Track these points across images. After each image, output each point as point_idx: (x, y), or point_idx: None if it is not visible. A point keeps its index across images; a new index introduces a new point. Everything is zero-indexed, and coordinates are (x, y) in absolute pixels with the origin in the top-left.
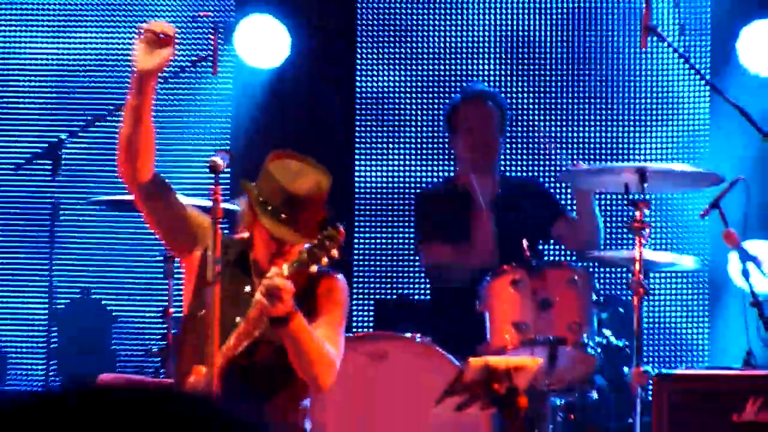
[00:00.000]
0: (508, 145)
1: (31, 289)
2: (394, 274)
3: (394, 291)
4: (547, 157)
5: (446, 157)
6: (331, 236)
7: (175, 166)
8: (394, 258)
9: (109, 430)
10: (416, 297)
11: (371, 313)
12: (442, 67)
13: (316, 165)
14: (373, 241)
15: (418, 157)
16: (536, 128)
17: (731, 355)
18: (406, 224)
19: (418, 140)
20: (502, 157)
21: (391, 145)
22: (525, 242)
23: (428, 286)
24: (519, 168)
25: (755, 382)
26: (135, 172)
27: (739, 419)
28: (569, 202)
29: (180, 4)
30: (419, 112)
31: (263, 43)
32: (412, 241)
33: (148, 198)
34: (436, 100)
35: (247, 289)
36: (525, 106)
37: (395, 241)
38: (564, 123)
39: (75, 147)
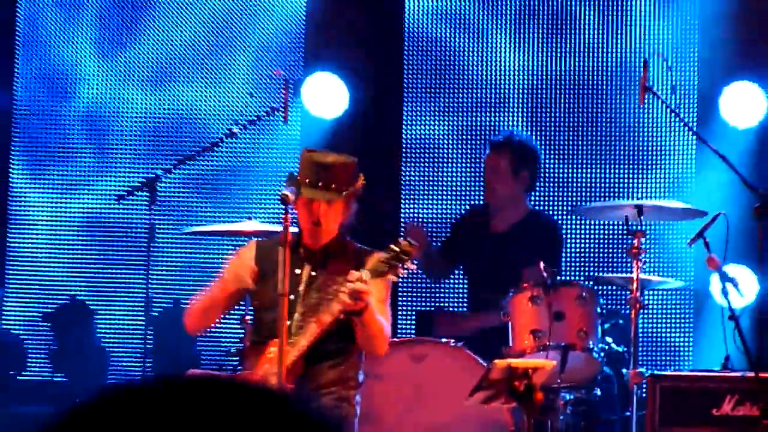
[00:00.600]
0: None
1: (131, 299)
2: (433, 289)
3: (433, 303)
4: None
5: (479, 194)
6: (406, 251)
7: (252, 197)
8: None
9: (196, 411)
10: (451, 308)
11: (413, 322)
12: (475, 118)
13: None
14: (415, 264)
15: (456, 194)
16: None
17: (712, 360)
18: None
19: (456, 180)
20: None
21: (432, 184)
22: (542, 265)
23: (461, 299)
24: (539, 202)
25: (731, 382)
26: (204, 329)
27: (717, 413)
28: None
29: (256, 62)
30: (456, 157)
31: (326, 97)
32: None
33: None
34: (468, 146)
35: (297, 271)
36: (544, 151)
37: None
38: (576, 165)
39: (168, 182)
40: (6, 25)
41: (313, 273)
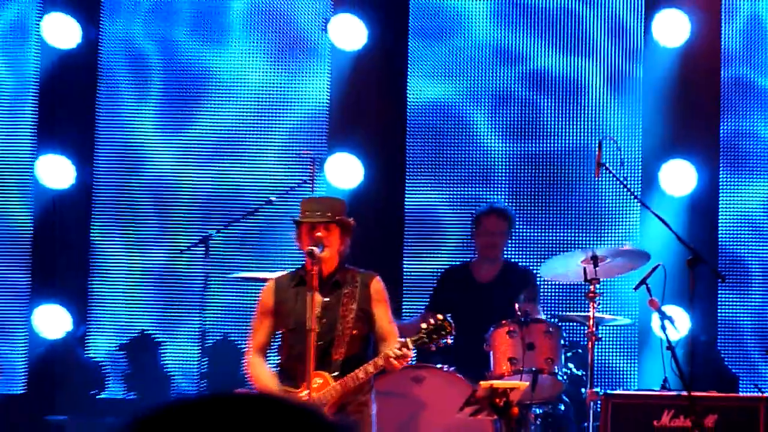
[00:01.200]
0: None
1: (189, 333)
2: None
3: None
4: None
5: (469, 249)
6: (445, 327)
7: (285, 250)
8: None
9: (243, 421)
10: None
11: (415, 351)
12: (465, 189)
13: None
14: (416, 310)
15: (450, 252)
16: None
17: (653, 382)
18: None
19: (450, 240)
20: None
21: (430, 243)
22: (517, 306)
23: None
24: (514, 256)
25: (669, 399)
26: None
27: (658, 424)
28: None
29: (289, 143)
30: (450, 220)
31: (344, 172)
32: None
33: None
34: (462, 212)
35: (306, 298)
36: (520, 215)
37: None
38: (541, 226)
39: (219, 239)
40: (88, 111)
41: (326, 299)
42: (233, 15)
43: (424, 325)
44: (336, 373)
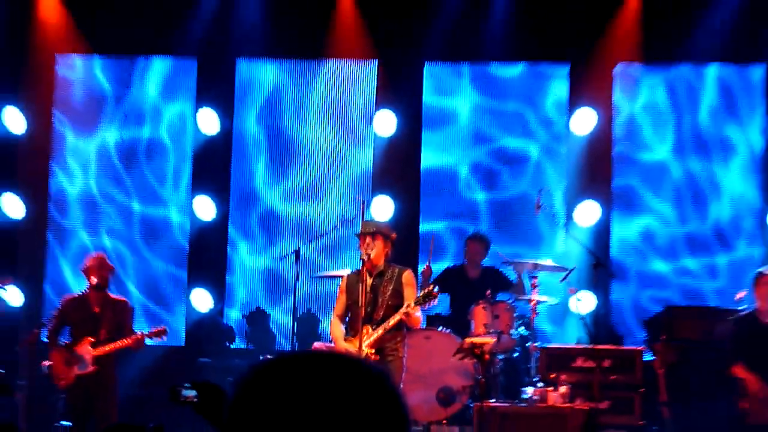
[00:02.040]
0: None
1: (286, 308)
2: (433, 308)
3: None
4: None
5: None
6: (431, 295)
7: (347, 256)
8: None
9: (319, 368)
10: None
11: (425, 322)
12: (459, 221)
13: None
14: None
15: (448, 256)
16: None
17: (571, 339)
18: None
19: (449, 251)
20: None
21: (436, 252)
22: (488, 292)
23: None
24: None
25: (581, 350)
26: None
27: (574, 365)
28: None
29: (348, 190)
30: (449, 239)
31: (383, 209)
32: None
33: None
34: (457, 234)
35: (360, 285)
36: (493, 238)
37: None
38: (506, 245)
39: (305, 250)
40: (225, 169)
41: (373, 283)
42: (312, 106)
43: (419, 294)
44: (375, 335)
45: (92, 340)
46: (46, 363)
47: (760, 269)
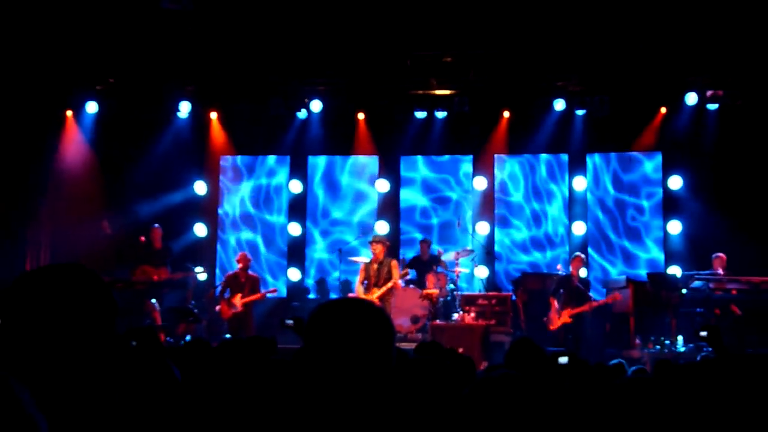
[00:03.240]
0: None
1: (334, 280)
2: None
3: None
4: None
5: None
6: (406, 274)
7: (364, 246)
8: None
9: (348, 309)
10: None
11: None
12: (422, 233)
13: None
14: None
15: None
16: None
17: (476, 289)
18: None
19: (414, 248)
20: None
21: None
22: (434, 267)
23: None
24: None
25: (481, 297)
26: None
27: (478, 302)
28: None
29: (364, 221)
30: (415, 243)
31: (382, 230)
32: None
33: None
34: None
35: (374, 267)
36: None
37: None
38: (437, 242)
39: (344, 250)
40: (302, 216)
41: (376, 267)
42: (345, 177)
43: (402, 272)
44: (378, 292)
45: (240, 295)
46: (217, 307)
47: (576, 253)
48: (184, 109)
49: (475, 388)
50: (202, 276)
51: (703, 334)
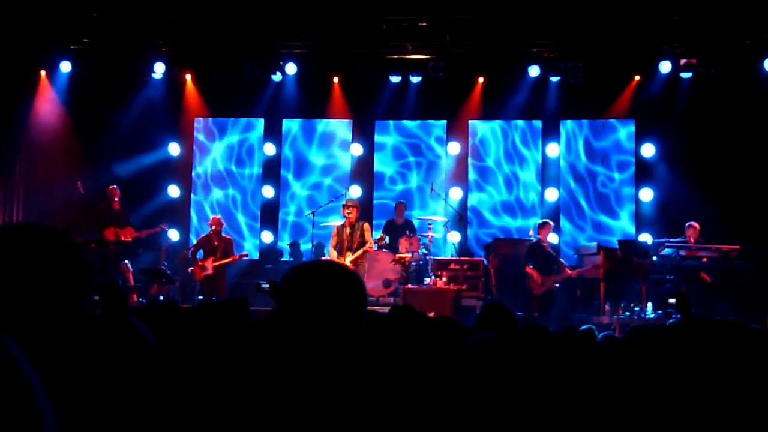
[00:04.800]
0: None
1: (306, 242)
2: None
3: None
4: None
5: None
6: (382, 239)
7: (337, 206)
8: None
9: (321, 270)
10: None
11: (376, 246)
12: (397, 199)
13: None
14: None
15: (389, 214)
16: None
17: (449, 254)
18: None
19: (388, 214)
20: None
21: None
22: (407, 231)
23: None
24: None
25: (453, 261)
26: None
27: (450, 267)
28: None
29: (338, 182)
30: (390, 208)
31: (356, 193)
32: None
33: None
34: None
35: (347, 232)
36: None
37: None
38: (414, 209)
39: (318, 213)
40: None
41: (349, 231)
42: (316, 140)
43: (375, 238)
44: (352, 256)
45: (212, 258)
46: (190, 269)
47: (543, 220)
48: (159, 70)
49: (469, 348)
50: (173, 235)
51: (672, 300)
